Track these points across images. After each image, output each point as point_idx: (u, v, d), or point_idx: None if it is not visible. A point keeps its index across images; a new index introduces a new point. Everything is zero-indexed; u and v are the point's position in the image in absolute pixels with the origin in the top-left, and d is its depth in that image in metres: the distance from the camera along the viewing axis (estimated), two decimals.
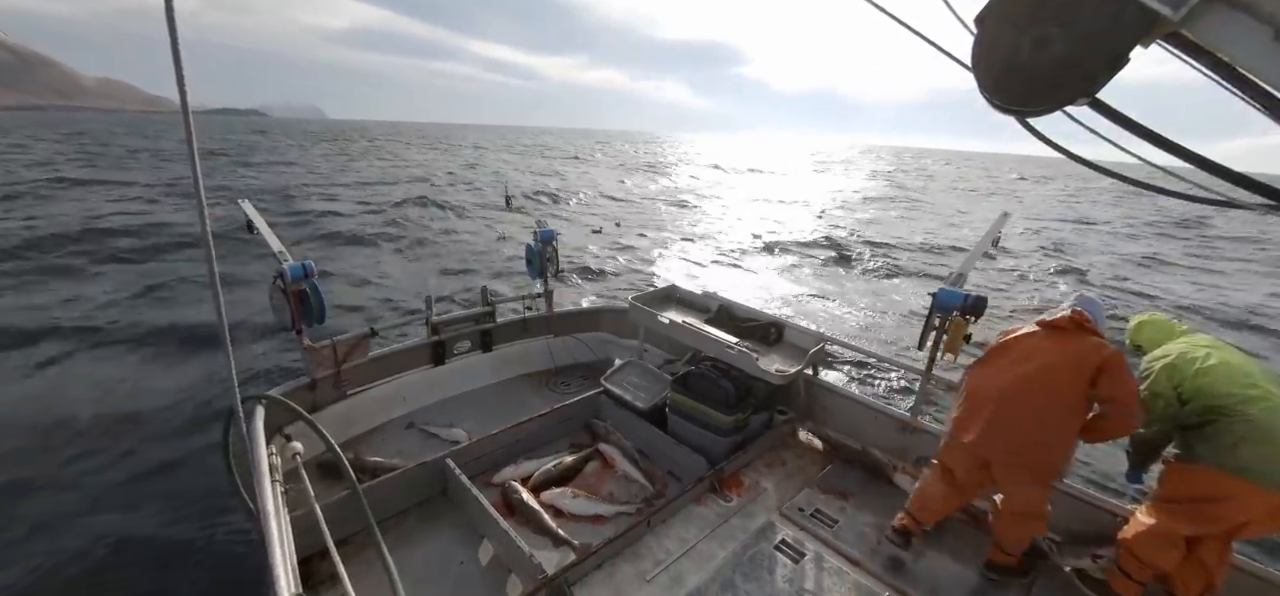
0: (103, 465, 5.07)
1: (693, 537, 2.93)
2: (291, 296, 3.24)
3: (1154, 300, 12.02)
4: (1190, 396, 2.37)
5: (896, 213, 25.60)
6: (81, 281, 10.06)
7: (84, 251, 11.75)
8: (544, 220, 4.67)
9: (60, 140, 48.85)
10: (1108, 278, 13.93)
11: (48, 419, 5.65)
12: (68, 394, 6.20)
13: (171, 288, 9.77)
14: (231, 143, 53.66)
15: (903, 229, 20.40)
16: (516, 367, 4.72)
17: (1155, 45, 0.97)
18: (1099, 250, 17.79)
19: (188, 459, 5.16)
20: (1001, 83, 1.05)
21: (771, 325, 4.00)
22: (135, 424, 5.67)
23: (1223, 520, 2.30)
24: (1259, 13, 0.82)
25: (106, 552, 4.12)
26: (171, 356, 7.23)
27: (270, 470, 2.38)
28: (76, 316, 8.23)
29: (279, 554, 1.91)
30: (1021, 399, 2.51)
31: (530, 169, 31.87)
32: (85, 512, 4.50)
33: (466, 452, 3.31)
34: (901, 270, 13.65)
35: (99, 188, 20.69)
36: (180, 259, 11.67)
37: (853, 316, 10.06)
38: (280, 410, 2.95)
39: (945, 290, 3.14)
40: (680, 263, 13.50)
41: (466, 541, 2.89)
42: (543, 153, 53.80)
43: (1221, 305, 11.53)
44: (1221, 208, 1.13)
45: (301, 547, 2.33)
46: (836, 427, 3.86)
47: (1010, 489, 2.61)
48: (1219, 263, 16.48)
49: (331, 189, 23.11)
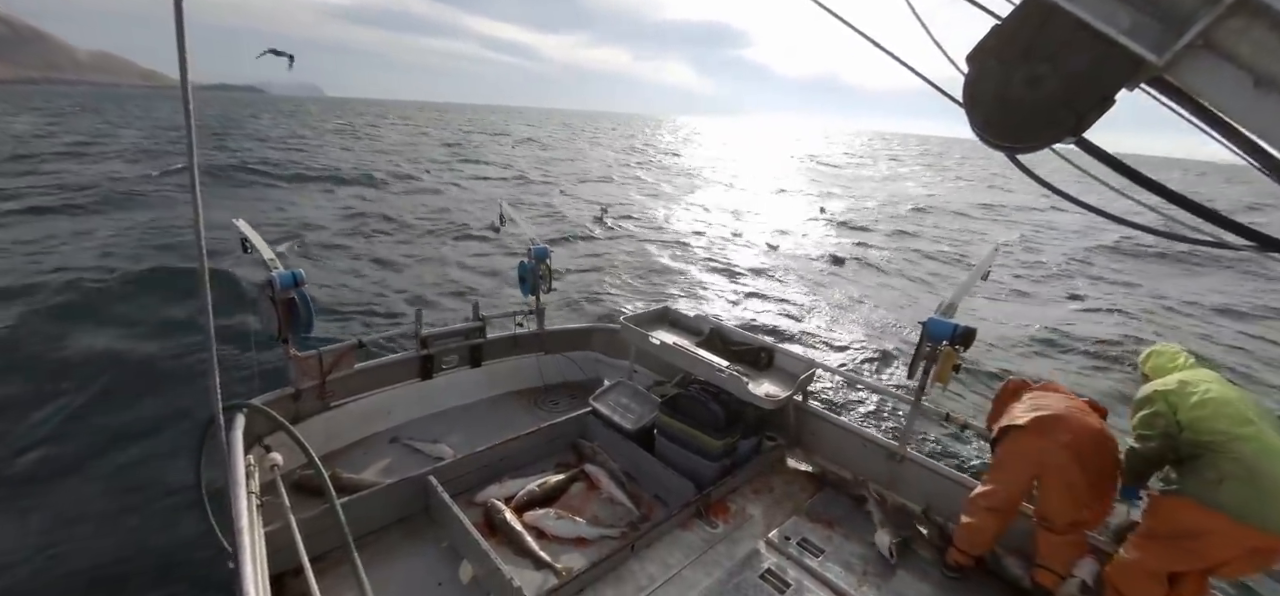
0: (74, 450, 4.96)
1: (677, 564, 2.88)
2: (280, 304, 3.21)
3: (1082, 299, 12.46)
4: (1185, 426, 2.37)
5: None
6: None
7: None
8: (536, 237, 4.67)
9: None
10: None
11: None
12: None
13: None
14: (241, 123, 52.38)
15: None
16: (505, 384, 4.67)
17: (1140, 90, 0.99)
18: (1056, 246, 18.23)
19: (154, 458, 5.04)
20: (992, 119, 1.07)
21: (762, 350, 4.00)
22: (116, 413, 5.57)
23: (1202, 556, 2.31)
24: (1240, 60, 0.84)
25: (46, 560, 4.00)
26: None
27: (247, 480, 2.33)
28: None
29: (250, 569, 1.85)
30: (1088, 414, 2.72)
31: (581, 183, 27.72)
32: (44, 508, 4.39)
33: (450, 470, 3.25)
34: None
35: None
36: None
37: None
38: (261, 419, 2.90)
39: (935, 320, 3.16)
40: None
41: (447, 561, 2.82)
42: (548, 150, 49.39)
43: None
44: (1210, 249, 1.15)
45: (274, 563, 2.27)
46: (825, 455, 3.84)
47: (1072, 476, 2.58)
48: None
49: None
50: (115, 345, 7.07)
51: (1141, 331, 10.29)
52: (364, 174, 23.93)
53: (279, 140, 37.20)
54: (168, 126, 43.31)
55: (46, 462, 5.00)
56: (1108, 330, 10.24)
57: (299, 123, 57.75)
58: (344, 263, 11.79)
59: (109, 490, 4.71)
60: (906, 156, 75.99)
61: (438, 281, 11.21)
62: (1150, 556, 2.43)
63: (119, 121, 48.17)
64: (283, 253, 3.36)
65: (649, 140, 58.00)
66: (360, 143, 40.23)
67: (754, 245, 16.41)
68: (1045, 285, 13.67)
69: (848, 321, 10.39)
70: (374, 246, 13.25)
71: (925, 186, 37.15)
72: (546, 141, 56.21)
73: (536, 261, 4.57)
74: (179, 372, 6.52)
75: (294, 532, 2.19)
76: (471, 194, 21.68)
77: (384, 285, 10.61)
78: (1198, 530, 2.28)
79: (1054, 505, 2.67)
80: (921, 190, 34.35)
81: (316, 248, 12.75)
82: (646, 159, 44.60)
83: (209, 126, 44.84)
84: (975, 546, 2.86)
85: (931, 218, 23.26)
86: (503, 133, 65.88)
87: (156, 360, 6.77)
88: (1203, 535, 2.27)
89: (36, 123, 41.39)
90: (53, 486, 4.74)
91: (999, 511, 2.78)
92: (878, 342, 9.26)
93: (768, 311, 10.73)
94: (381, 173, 24.70)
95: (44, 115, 50.54)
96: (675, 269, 13.32)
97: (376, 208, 17.59)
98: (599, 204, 20.08)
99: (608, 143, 55.72)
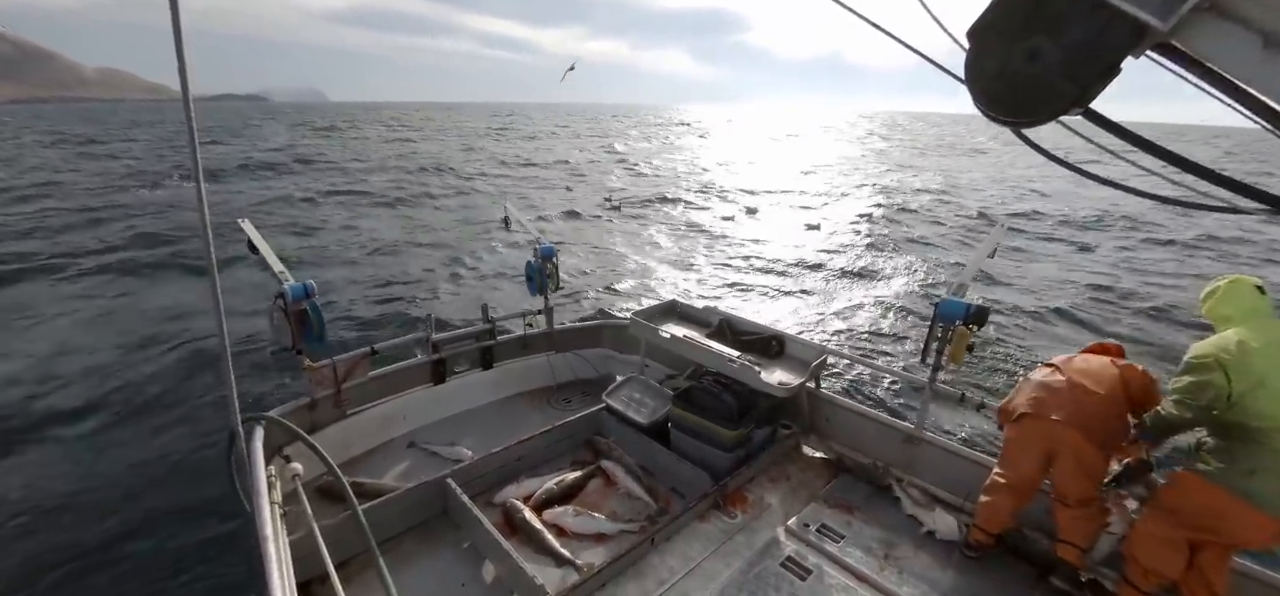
0: (107, 466, 5.09)
1: (697, 555, 2.89)
2: (292, 316, 3.25)
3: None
4: (1234, 402, 2.16)
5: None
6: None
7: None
8: (543, 236, 4.69)
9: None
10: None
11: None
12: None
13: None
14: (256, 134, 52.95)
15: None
16: (517, 385, 4.70)
17: (1146, 56, 0.98)
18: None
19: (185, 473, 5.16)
20: (994, 94, 1.06)
21: (773, 338, 3.99)
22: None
23: (1226, 537, 2.28)
24: (1247, 21, 0.82)
25: (100, 561, 4.13)
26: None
27: (269, 491, 2.37)
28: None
29: (277, 577, 1.89)
30: (1090, 374, 2.68)
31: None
32: (78, 519, 4.52)
33: (467, 472, 3.28)
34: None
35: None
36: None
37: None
38: (280, 430, 2.94)
39: (948, 300, 3.13)
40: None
41: (468, 562, 2.85)
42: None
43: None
44: (1220, 213, 1.13)
45: (301, 571, 2.31)
46: (841, 440, 3.83)
47: (1081, 451, 2.56)
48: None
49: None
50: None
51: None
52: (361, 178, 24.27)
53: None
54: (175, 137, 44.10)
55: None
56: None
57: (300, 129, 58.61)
58: (352, 272, 11.93)
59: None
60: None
61: (444, 283, 11.31)
62: (1170, 528, 2.38)
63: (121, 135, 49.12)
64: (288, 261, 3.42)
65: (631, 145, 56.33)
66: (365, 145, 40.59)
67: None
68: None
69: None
70: (384, 253, 13.40)
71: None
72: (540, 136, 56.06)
73: (543, 260, 4.58)
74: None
75: (318, 540, 2.23)
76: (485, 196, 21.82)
77: (394, 290, 10.72)
78: (1223, 513, 2.23)
79: (1066, 482, 2.65)
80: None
81: (322, 253, 12.95)
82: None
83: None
84: (993, 525, 2.84)
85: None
86: (505, 129, 66.01)
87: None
88: (1228, 518, 2.23)
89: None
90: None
91: (1015, 491, 2.78)
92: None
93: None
94: (384, 179, 24.98)
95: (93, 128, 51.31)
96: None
97: (381, 213, 17.82)
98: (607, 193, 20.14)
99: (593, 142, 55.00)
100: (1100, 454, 2.57)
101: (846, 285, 11.61)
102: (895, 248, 14.41)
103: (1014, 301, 10.20)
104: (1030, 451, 2.73)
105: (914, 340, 8.40)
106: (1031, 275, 12.11)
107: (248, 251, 3.52)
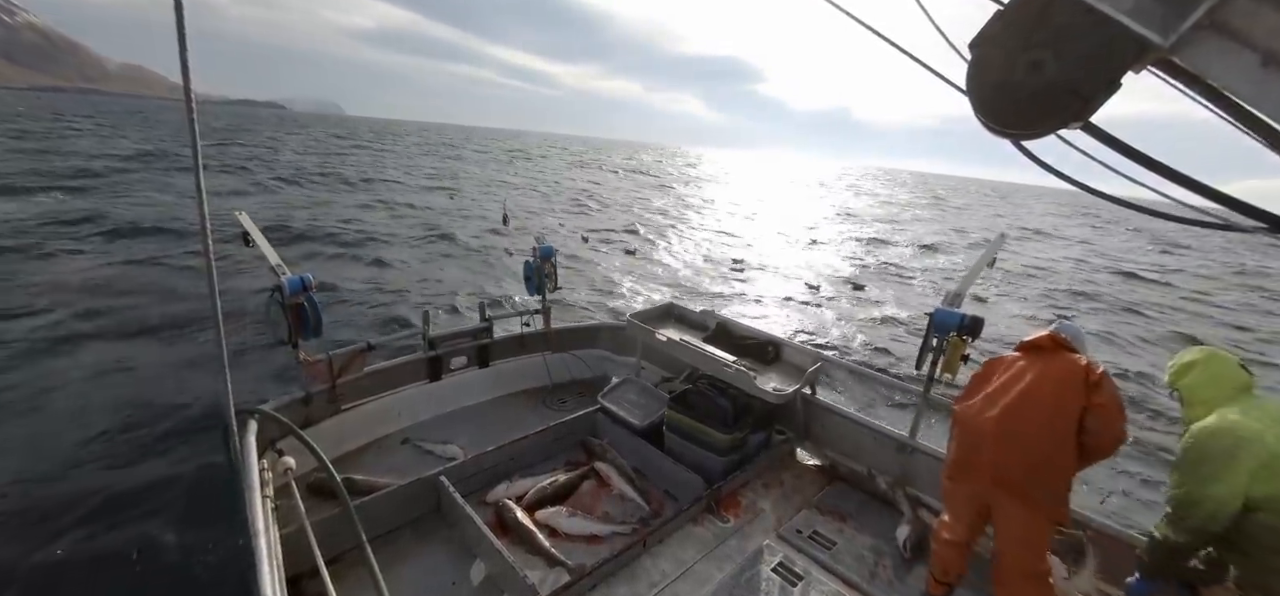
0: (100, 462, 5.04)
1: (689, 559, 2.89)
2: (289, 310, 3.23)
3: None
4: (1261, 506, 1.93)
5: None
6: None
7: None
8: (542, 235, 4.68)
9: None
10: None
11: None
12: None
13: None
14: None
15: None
16: (513, 384, 4.69)
17: (1146, 71, 0.98)
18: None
19: (174, 466, 5.12)
20: (995, 106, 1.07)
21: (769, 344, 3.99)
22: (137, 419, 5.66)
23: None
24: (1247, 39, 0.83)
25: (84, 559, 4.08)
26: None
27: (261, 485, 2.36)
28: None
29: (267, 571, 1.87)
30: (1024, 414, 2.31)
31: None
32: (65, 509, 4.48)
33: (461, 469, 3.27)
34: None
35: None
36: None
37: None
38: (274, 424, 2.93)
39: (943, 310, 3.14)
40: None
41: (459, 561, 2.84)
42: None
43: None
44: (1219, 231, 1.14)
45: (291, 565, 2.29)
46: (835, 448, 3.83)
47: (1016, 518, 2.35)
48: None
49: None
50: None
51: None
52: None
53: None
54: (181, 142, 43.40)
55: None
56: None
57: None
58: (351, 268, 11.88)
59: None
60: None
61: (445, 282, 11.28)
62: None
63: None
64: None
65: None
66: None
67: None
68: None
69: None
70: (384, 251, 13.36)
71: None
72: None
73: (542, 260, 4.58)
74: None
75: (309, 535, 2.22)
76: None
77: (389, 288, 10.69)
78: None
79: (1007, 548, 2.39)
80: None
81: (322, 252, 12.87)
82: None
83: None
84: (949, 575, 2.66)
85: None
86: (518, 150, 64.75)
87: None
88: None
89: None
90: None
91: (958, 544, 2.58)
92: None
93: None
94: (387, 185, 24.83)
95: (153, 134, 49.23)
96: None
97: (385, 215, 17.76)
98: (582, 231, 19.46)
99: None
100: (1042, 519, 2.30)
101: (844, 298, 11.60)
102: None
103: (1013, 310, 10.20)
104: (962, 507, 2.54)
105: (909, 348, 8.42)
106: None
107: (242, 242, 3.48)
